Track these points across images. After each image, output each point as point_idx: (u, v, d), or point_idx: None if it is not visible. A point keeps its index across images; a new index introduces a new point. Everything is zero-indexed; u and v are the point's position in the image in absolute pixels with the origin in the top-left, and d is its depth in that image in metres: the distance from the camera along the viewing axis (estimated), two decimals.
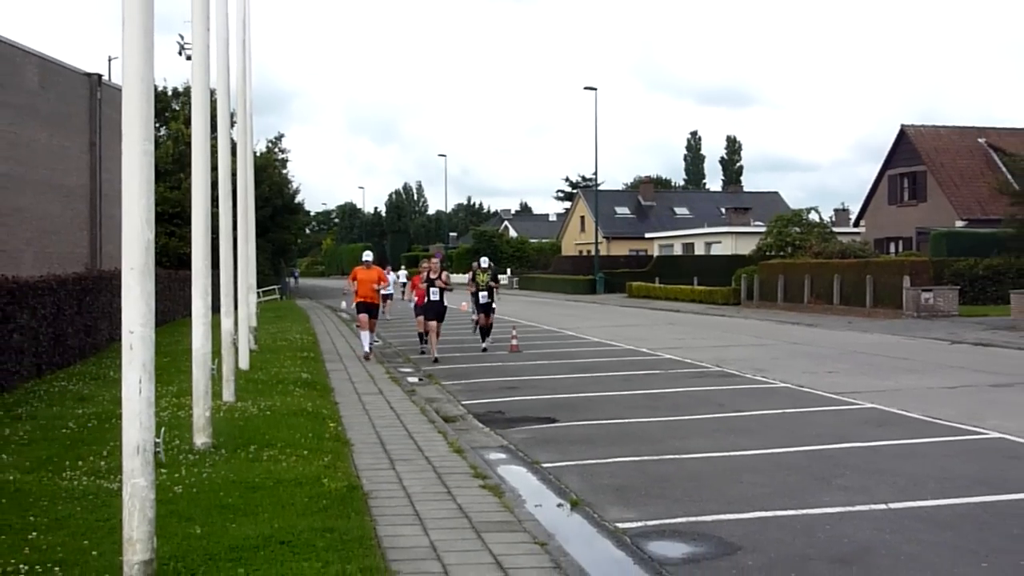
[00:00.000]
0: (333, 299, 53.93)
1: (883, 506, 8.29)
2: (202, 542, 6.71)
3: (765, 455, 10.60)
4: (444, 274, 22.49)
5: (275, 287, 59.59)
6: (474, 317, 24.05)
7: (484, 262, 25.27)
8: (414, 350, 24.07)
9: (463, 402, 15.15)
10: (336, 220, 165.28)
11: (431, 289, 21.73)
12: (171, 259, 36.24)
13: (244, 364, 17.76)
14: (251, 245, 21.48)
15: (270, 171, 52.71)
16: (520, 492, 9.06)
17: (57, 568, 6.09)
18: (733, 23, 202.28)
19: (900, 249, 51.23)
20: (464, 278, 30.00)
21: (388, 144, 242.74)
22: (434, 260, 22.08)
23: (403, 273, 39.48)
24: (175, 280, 32.11)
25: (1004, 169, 48.42)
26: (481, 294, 23.48)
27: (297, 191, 62.33)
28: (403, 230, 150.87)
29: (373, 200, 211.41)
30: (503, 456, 10.93)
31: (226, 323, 15.10)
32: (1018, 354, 22.27)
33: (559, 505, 8.64)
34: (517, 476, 9.87)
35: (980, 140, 53.86)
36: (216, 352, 12.94)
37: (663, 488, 9.11)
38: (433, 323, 21.49)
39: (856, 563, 6.77)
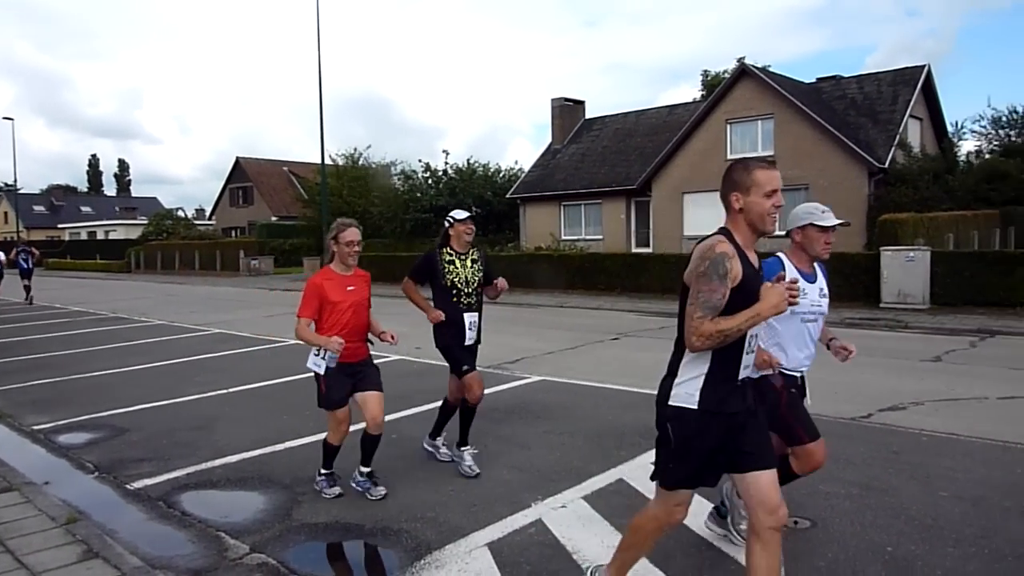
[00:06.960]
0: None
1: (225, 390, 8.20)
2: None
3: (150, 367, 9.83)
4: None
5: None
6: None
7: None
8: None
9: None
10: None
11: (467, 315, 4.68)
12: None
13: None
14: None
15: None
16: None
17: None
18: (119, 78, 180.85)
19: (238, 234, 50.21)
20: None
21: None
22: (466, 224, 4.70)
23: None
24: None
25: (299, 186, 49.72)
26: None
27: None
28: None
29: None
30: None
31: None
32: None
33: None
34: None
35: (284, 168, 54.62)
36: None
37: (71, 398, 7.99)
38: (476, 375, 4.71)
39: (206, 427, 6.61)
